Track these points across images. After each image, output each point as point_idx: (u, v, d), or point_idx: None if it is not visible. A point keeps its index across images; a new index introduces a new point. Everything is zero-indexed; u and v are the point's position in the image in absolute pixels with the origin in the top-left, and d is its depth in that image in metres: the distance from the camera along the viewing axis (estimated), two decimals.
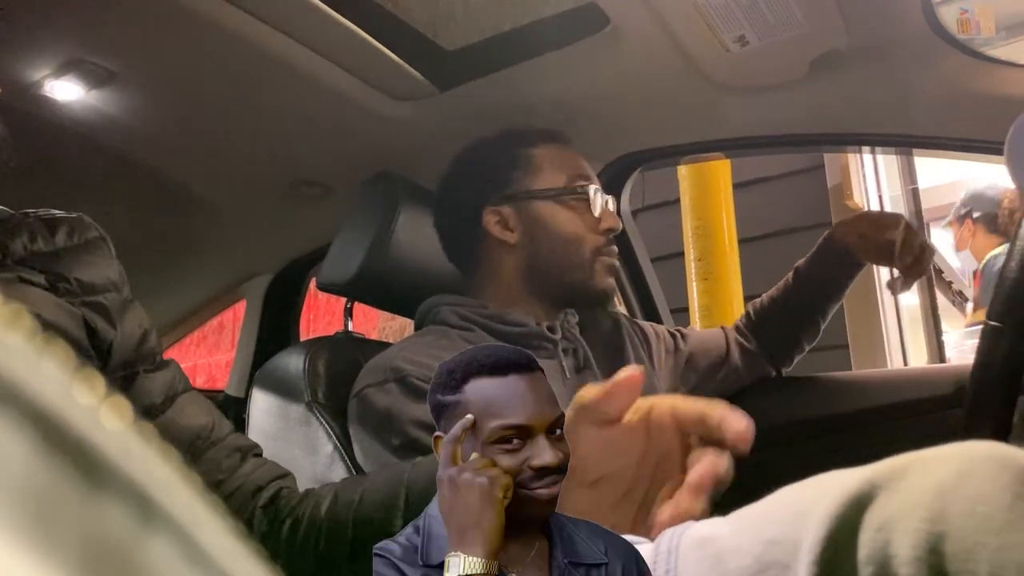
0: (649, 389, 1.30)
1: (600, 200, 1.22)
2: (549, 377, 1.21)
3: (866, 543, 0.41)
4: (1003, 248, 3.01)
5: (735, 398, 1.43)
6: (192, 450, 0.83)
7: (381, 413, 1.04)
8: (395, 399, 1.04)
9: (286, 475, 0.91)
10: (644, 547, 0.58)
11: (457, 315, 1.20)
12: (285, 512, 0.85)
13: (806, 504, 0.45)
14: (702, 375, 1.40)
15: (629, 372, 0.67)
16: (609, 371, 1.26)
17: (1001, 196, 3.19)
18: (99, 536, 0.12)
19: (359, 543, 0.80)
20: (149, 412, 0.82)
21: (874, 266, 2.65)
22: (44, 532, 0.12)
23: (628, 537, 0.62)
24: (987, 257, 3.16)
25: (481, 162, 1.28)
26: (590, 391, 0.67)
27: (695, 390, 1.41)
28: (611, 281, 1.23)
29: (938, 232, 3.88)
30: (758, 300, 1.46)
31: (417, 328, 1.27)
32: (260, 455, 0.91)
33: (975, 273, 3.28)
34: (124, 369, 0.82)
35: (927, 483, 0.40)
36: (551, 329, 1.20)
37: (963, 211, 3.32)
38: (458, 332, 1.18)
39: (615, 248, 1.25)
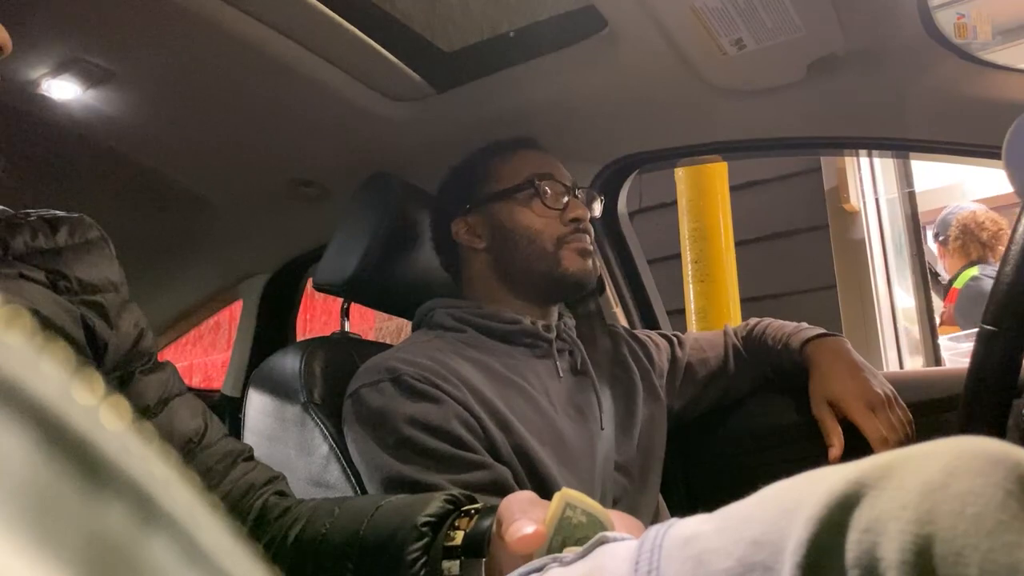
0: (653, 399, 1.30)
1: (558, 191, 1.25)
2: (543, 375, 1.22)
3: (853, 545, 0.39)
4: (978, 270, 3.20)
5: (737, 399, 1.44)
6: (183, 454, 0.83)
7: (376, 412, 1.04)
8: (390, 398, 1.04)
9: (275, 479, 0.91)
10: (627, 544, 0.57)
11: (452, 317, 1.23)
12: (264, 524, 0.85)
13: (791, 503, 0.44)
14: (701, 387, 1.40)
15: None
16: (616, 385, 1.27)
17: (952, 218, 3.40)
18: (99, 535, 0.12)
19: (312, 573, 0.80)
20: (143, 415, 0.82)
21: (870, 265, 2.66)
22: (45, 531, 0.12)
23: (612, 534, 0.62)
24: (964, 276, 3.26)
25: (450, 182, 1.35)
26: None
27: (696, 402, 1.40)
28: (584, 264, 1.23)
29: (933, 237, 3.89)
30: (757, 325, 1.44)
31: (414, 330, 1.29)
32: (251, 458, 0.91)
33: (949, 290, 3.35)
34: (119, 368, 0.82)
35: (915, 481, 0.39)
36: (546, 328, 1.21)
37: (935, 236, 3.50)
38: (452, 334, 1.20)
39: (585, 235, 1.25)
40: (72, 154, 1.51)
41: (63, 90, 1.32)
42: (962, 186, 4.16)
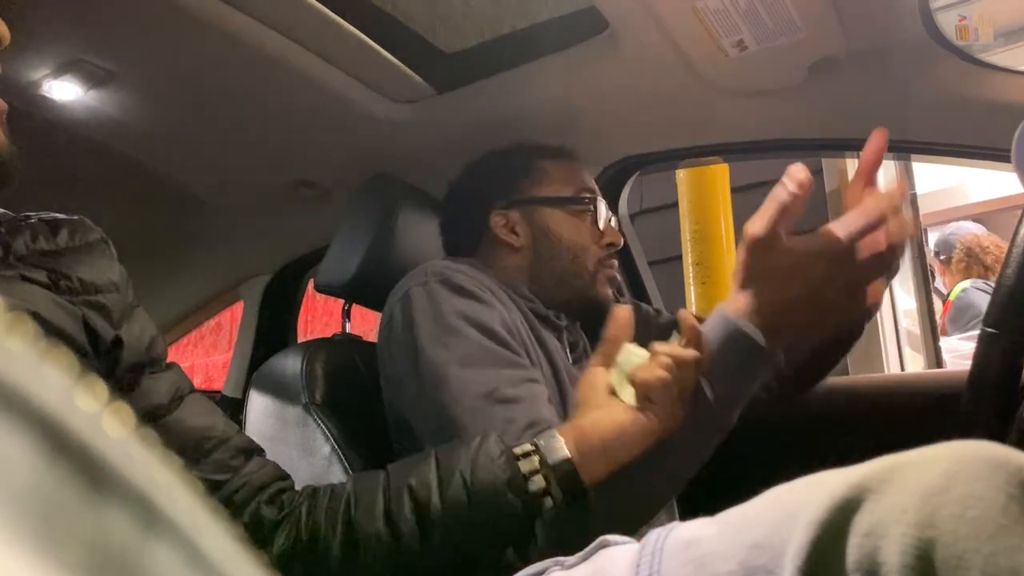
0: None
1: (605, 214, 1.27)
2: (558, 351, 1.21)
3: (854, 549, 0.39)
4: (969, 282, 3.41)
5: None
6: (199, 450, 0.83)
7: (424, 308, 1.05)
8: (440, 293, 1.05)
9: (287, 477, 0.91)
10: (629, 547, 0.57)
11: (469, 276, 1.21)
12: (300, 498, 0.85)
13: (792, 507, 0.44)
14: None
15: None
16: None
17: (954, 239, 3.59)
18: (103, 542, 0.12)
19: (392, 507, 0.80)
20: (156, 412, 0.82)
21: None
22: (48, 538, 0.12)
23: (613, 538, 0.62)
24: (956, 288, 3.45)
25: (491, 168, 1.32)
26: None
27: None
28: (609, 292, 1.25)
29: (935, 238, 3.90)
30: None
31: None
32: (263, 455, 0.92)
33: (945, 301, 3.53)
34: (131, 372, 0.83)
35: (915, 485, 0.39)
36: (558, 316, 1.21)
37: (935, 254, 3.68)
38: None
39: (615, 262, 1.28)
40: (73, 155, 1.51)
41: (64, 91, 1.32)
42: (963, 188, 4.16)
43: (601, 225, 1.26)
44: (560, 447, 0.79)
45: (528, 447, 0.80)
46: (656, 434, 0.79)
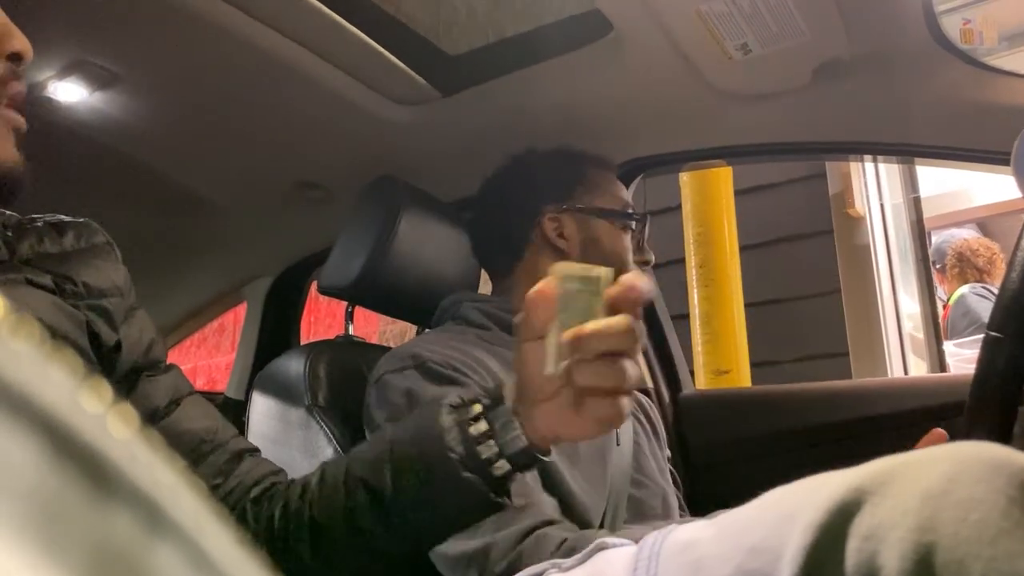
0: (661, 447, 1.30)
1: (647, 232, 1.29)
2: None
3: (853, 553, 0.39)
4: (967, 287, 3.50)
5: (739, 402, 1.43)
6: (196, 453, 0.83)
7: (401, 396, 1.04)
8: (415, 382, 1.04)
9: (279, 471, 0.91)
10: (626, 550, 0.57)
11: (480, 312, 1.21)
12: (277, 497, 0.85)
13: (791, 510, 0.43)
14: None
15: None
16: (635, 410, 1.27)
17: (946, 247, 3.69)
18: (107, 543, 0.13)
19: (351, 504, 0.78)
20: (153, 416, 0.82)
21: (875, 271, 2.66)
22: (52, 539, 0.12)
23: (613, 539, 0.62)
24: (955, 294, 3.53)
25: (542, 169, 1.30)
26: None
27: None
28: None
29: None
30: None
31: (435, 324, 1.28)
32: (258, 454, 0.92)
33: (944, 305, 3.60)
34: (129, 376, 0.83)
35: (916, 488, 0.39)
36: None
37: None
38: (476, 331, 1.18)
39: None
40: (78, 157, 1.52)
41: (69, 93, 1.32)
42: (967, 191, 4.15)
43: (645, 242, 1.28)
44: (518, 437, 0.71)
45: (484, 427, 0.73)
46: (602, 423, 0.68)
